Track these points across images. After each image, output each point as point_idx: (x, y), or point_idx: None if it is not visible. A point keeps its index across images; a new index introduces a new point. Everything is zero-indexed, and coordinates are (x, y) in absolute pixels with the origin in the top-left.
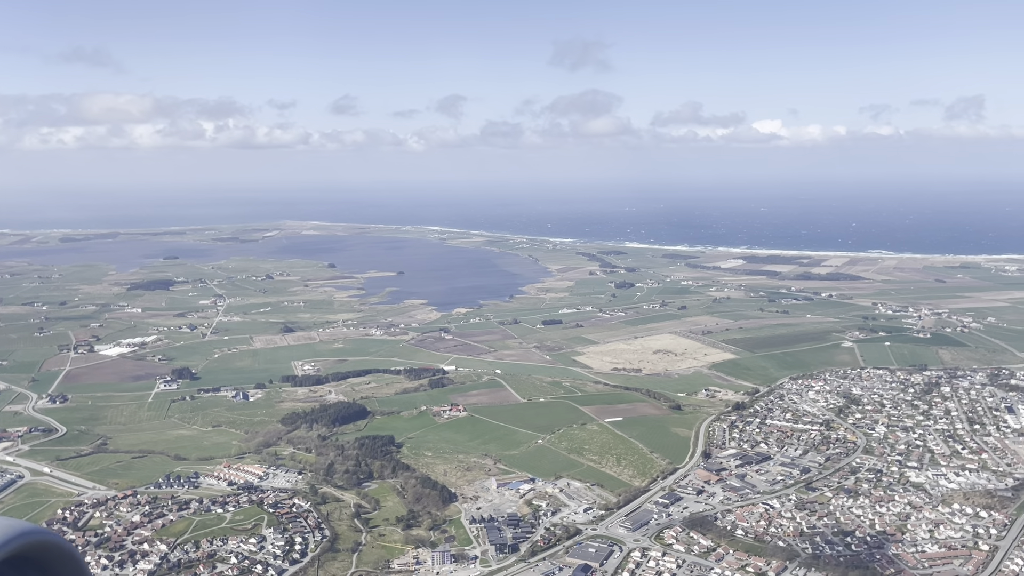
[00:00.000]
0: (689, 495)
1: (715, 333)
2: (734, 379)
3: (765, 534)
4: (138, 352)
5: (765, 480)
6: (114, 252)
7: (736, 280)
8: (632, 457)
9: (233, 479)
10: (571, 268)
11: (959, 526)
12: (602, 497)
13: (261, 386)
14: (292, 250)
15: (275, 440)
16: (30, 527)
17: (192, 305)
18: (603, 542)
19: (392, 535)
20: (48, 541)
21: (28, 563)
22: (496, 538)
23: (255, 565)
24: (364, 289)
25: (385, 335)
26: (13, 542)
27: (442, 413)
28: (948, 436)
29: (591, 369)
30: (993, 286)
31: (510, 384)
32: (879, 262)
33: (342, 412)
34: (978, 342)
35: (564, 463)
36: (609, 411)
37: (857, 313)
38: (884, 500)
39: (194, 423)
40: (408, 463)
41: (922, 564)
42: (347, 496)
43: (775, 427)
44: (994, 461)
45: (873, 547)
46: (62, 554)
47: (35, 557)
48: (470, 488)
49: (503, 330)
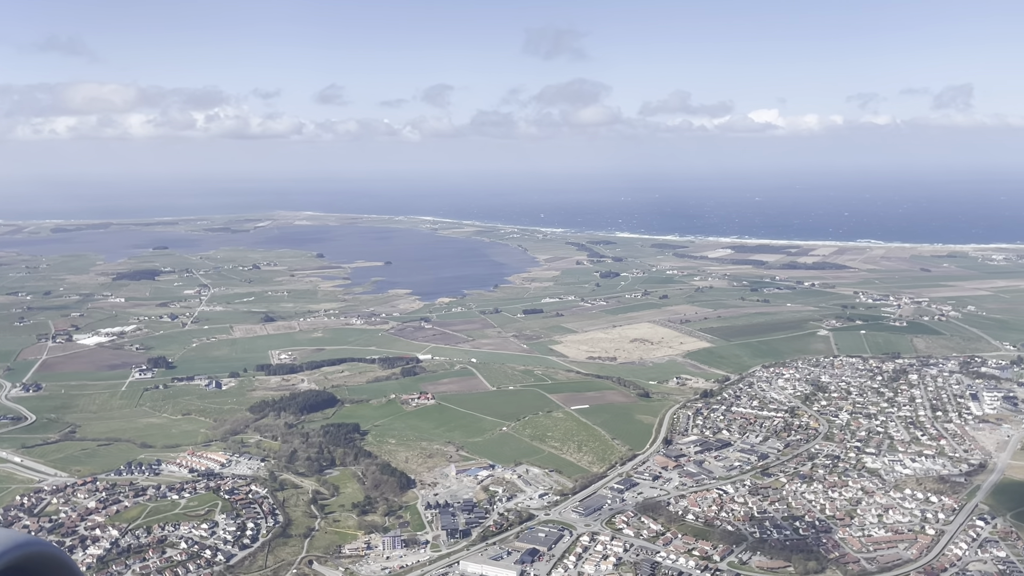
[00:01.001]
0: (645, 481)
1: (693, 322)
2: (707, 367)
3: (716, 519)
4: (116, 341)
5: (723, 466)
6: (104, 242)
7: (722, 269)
8: (593, 444)
9: (195, 466)
10: (559, 258)
11: (908, 511)
12: (559, 483)
13: (235, 375)
14: (282, 240)
15: (242, 428)
16: (27, 539)
17: (176, 295)
18: (554, 527)
19: (347, 521)
20: (45, 552)
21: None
22: (448, 523)
23: (204, 550)
24: (350, 279)
25: (365, 324)
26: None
27: (410, 401)
28: (910, 423)
29: (566, 358)
30: (978, 275)
31: (481, 372)
32: (867, 251)
33: (310, 400)
34: (954, 330)
35: (526, 450)
36: (577, 399)
37: (837, 302)
38: (837, 485)
39: (164, 411)
40: (371, 450)
41: (867, 548)
42: (306, 483)
43: (739, 414)
44: (952, 447)
45: (820, 531)
46: (58, 565)
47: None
48: (430, 475)
49: (483, 319)
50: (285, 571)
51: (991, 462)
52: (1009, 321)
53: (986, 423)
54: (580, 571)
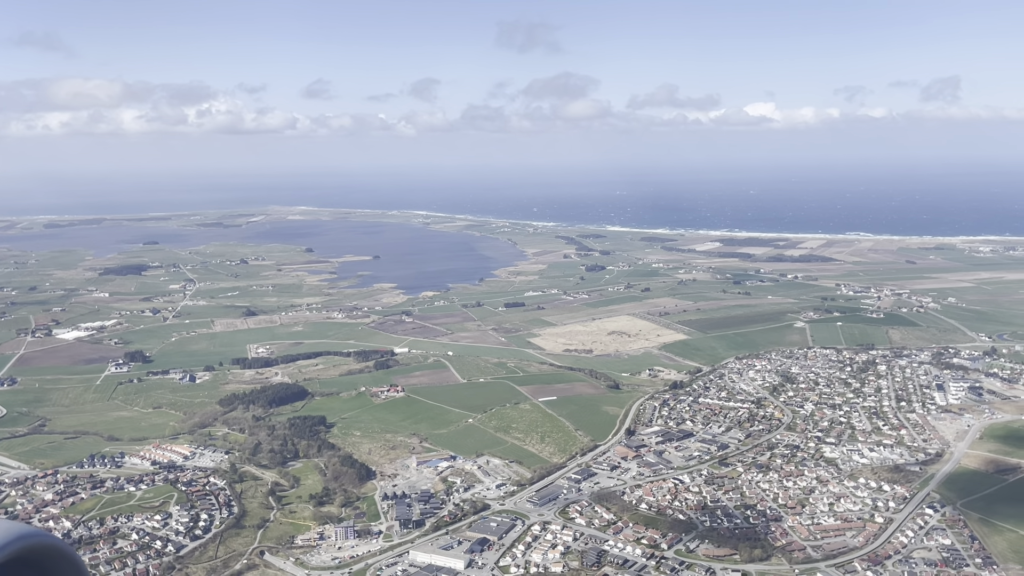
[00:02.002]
0: (603, 471)
1: (672, 314)
2: (681, 359)
3: (668, 508)
4: (95, 336)
5: (682, 456)
6: (95, 238)
7: (708, 262)
8: (557, 435)
9: (158, 459)
10: (547, 251)
11: (860, 499)
12: (518, 474)
13: (210, 368)
14: (273, 235)
15: (211, 421)
16: (30, 530)
17: (162, 290)
18: (508, 517)
19: (303, 512)
20: (47, 544)
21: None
22: (403, 514)
23: (155, 541)
24: (336, 273)
25: (347, 318)
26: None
27: (379, 394)
28: (873, 413)
29: (543, 350)
30: (963, 267)
31: (454, 365)
32: (855, 244)
33: (280, 393)
34: (931, 322)
35: (489, 441)
36: (546, 391)
37: (818, 294)
38: (793, 475)
39: (136, 405)
40: (335, 442)
41: (815, 536)
42: (267, 475)
43: (706, 405)
44: (911, 437)
45: (771, 520)
46: (61, 557)
47: (34, 560)
48: (391, 466)
49: (465, 313)
50: (235, 562)
51: (948, 451)
52: (988, 312)
53: (948, 413)
54: (527, 559)
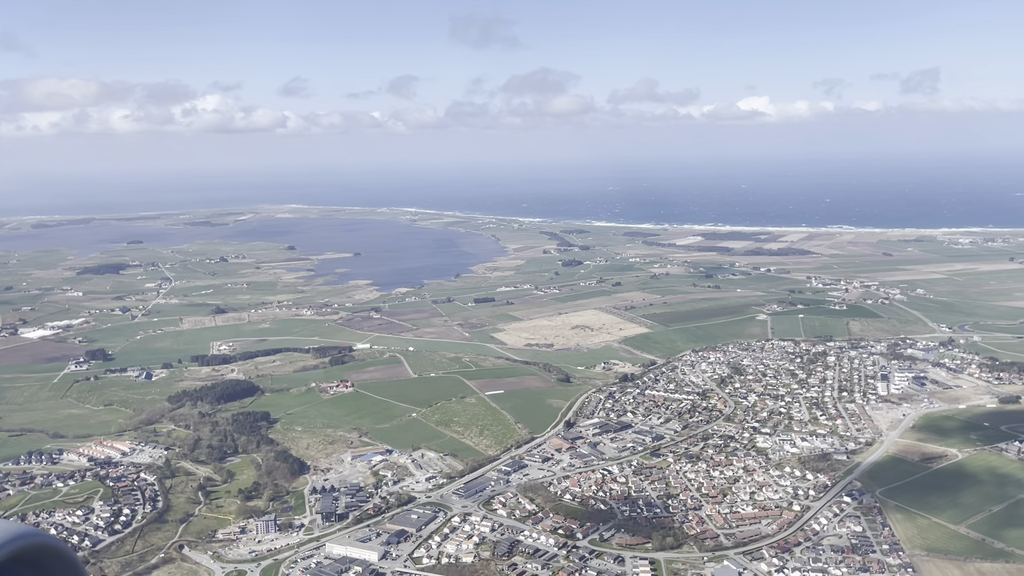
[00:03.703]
0: (535, 463)
1: (638, 308)
2: (639, 352)
3: (592, 498)
4: (60, 334)
5: (616, 447)
6: (81, 238)
7: (685, 256)
8: (496, 428)
9: (95, 455)
10: (528, 247)
11: (782, 488)
12: (451, 467)
13: (168, 366)
14: (260, 233)
15: (158, 418)
16: (27, 529)
17: (137, 288)
18: (431, 509)
19: (229, 506)
20: (45, 543)
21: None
22: (327, 507)
23: (73, 535)
24: (314, 271)
25: (315, 315)
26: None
27: (328, 389)
28: (814, 404)
29: (505, 345)
30: (939, 258)
31: (409, 360)
32: (836, 237)
33: (229, 390)
34: (894, 313)
35: (429, 434)
36: (495, 384)
37: (788, 287)
38: (721, 464)
39: (88, 403)
40: (276, 438)
41: (730, 524)
42: (201, 470)
43: (651, 397)
44: (845, 427)
45: (690, 509)
46: (59, 556)
47: (32, 559)
48: (326, 460)
49: (434, 309)
50: (152, 556)
51: (878, 440)
52: (954, 303)
53: (887, 403)
54: (442, 550)
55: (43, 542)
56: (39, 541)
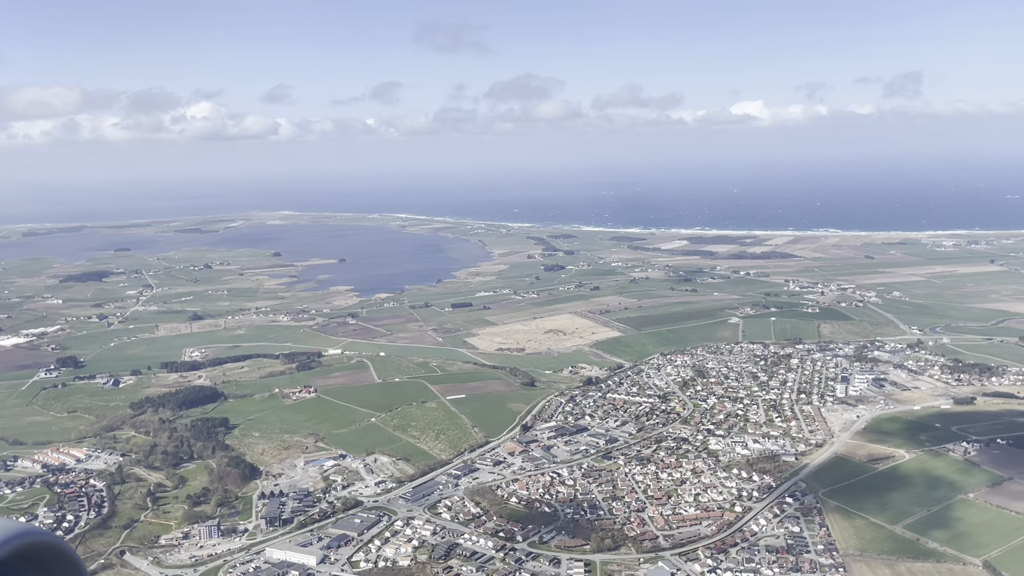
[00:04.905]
0: (487, 466)
1: (613, 312)
2: (608, 356)
3: (538, 500)
4: (34, 342)
5: (569, 450)
6: (70, 245)
7: (668, 261)
8: (452, 432)
9: (50, 462)
10: (514, 252)
11: (727, 490)
12: (402, 471)
13: (136, 373)
14: (248, 240)
15: (119, 424)
16: (29, 528)
17: (118, 296)
18: (376, 513)
19: (176, 512)
20: (47, 542)
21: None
22: (272, 512)
23: None
24: (297, 277)
25: (291, 321)
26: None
27: (291, 395)
28: (771, 406)
29: (477, 350)
30: (920, 261)
31: (376, 366)
32: (821, 240)
33: (192, 396)
34: (867, 316)
35: (385, 439)
36: (458, 389)
37: (765, 290)
38: (671, 467)
39: (53, 410)
40: (232, 443)
41: (671, 525)
42: (154, 476)
43: (612, 400)
44: (799, 428)
45: (634, 511)
46: (60, 555)
47: (34, 558)
48: (279, 466)
49: (410, 314)
50: (93, 561)
51: (829, 441)
52: (928, 306)
53: (843, 405)
54: (380, 554)
55: (45, 541)
56: (41, 540)
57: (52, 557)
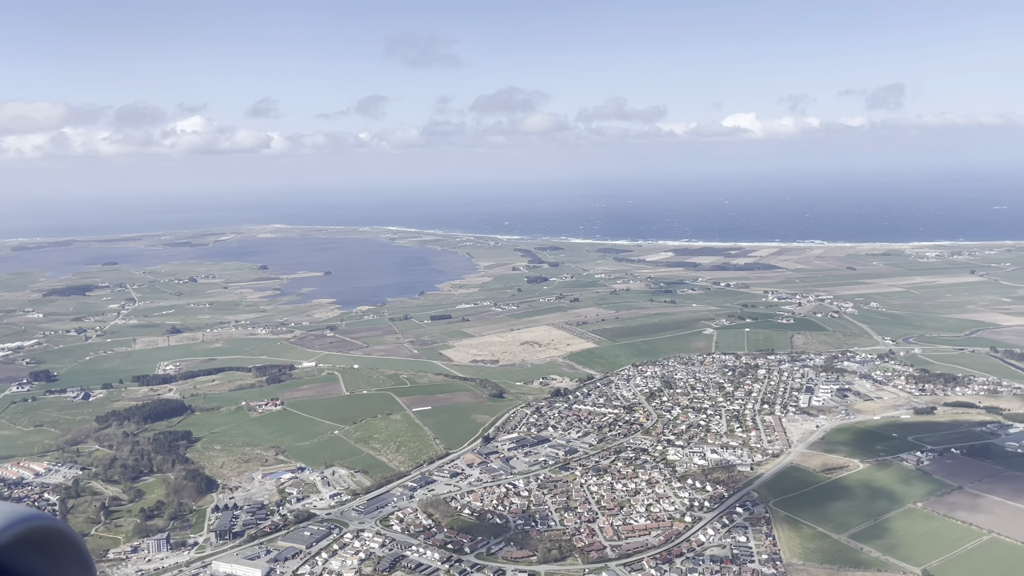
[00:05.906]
0: (443, 478)
1: (590, 324)
2: (581, 367)
3: (491, 512)
4: (9, 356)
5: (528, 462)
6: (59, 259)
7: (651, 272)
8: (414, 444)
9: (8, 476)
10: (499, 264)
11: (680, 500)
12: (359, 483)
13: (107, 386)
14: (236, 253)
15: (83, 438)
16: (32, 512)
17: (100, 309)
18: (327, 526)
19: (127, 525)
20: (50, 526)
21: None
22: (224, 525)
23: None
24: (280, 290)
25: (269, 334)
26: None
27: (257, 408)
28: (734, 416)
29: (451, 361)
30: (902, 272)
31: (346, 378)
32: (805, 251)
33: (158, 409)
34: (841, 326)
35: (346, 451)
36: (425, 401)
37: (743, 301)
38: (627, 477)
39: (20, 424)
40: (192, 456)
41: (620, 536)
42: (110, 489)
43: (578, 411)
44: (758, 439)
45: (585, 521)
46: (64, 539)
47: (38, 542)
48: (237, 479)
49: (389, 326)
50: None
51: (786, 452)
52: (905, 316)
53: (805, 415)
54: (326, 567)
55: (49, 525)
56: (45, 524)
57: (56, 541)
